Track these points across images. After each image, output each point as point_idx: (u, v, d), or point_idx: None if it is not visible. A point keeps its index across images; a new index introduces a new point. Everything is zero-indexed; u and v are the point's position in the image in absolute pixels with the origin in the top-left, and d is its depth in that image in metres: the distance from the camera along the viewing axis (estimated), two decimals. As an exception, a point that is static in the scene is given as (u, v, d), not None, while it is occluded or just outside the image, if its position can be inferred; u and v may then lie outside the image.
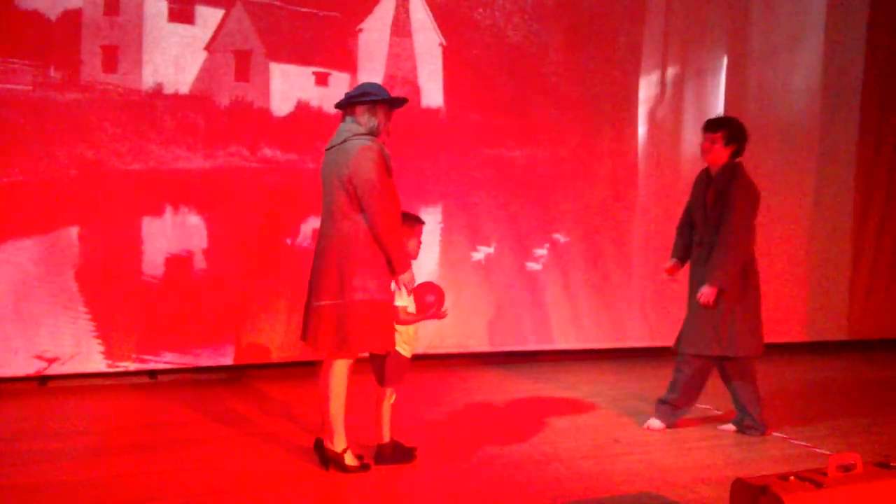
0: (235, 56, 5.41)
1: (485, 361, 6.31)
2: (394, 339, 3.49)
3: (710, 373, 4.33)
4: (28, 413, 4.50)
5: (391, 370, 3.55)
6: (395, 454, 3.61)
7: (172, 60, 5.25)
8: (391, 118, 3.52)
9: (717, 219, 4.15)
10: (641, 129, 6.63)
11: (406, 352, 3.59)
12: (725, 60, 6.80)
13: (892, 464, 2.68)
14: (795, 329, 7.18)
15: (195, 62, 5.31)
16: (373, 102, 3.43)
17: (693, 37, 6.72)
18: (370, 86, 3.50)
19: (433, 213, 5.98)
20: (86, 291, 5.08)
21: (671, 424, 4.38)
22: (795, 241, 7.12)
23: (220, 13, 5.36)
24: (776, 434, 4.34)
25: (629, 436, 4.24)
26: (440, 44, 5.98)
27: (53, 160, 5.01)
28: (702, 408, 4.72)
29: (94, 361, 5.11)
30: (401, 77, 5.88)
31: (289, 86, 5.54)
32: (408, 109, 5.43)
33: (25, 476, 3.36)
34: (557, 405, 4.96)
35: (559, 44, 6.31)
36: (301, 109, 5.58)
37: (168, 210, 5.30)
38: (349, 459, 3.46)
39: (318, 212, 3.55)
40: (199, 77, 5.32)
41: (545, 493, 3.28)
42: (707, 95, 6.79)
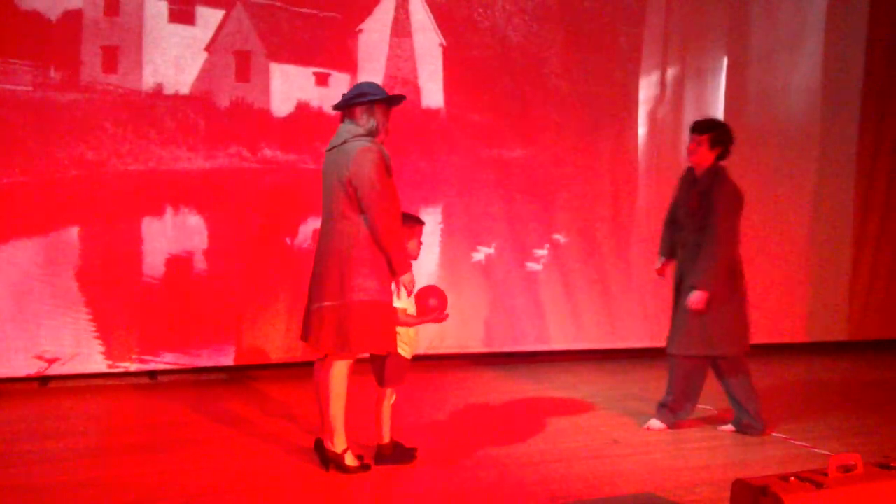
0: (235, 56, 5.41)
1: (485, 362, 6.30)
2: (395, 340, 3.48)
3: (705, 372, 4.33)
4: (28, 413, 4.50)
5: (391, 371, 3.55)
6: (396, 454, 3.61)
7: (173, 61, 5.25)
8: (390, 116, 3.52)
9: (702, 221, 4.18)
10: (641, 129, 6.63)
11: (406, 352, 3.59)
12: (725, 61, 6.80)
13: (893, 464, 2.68)
14: (795, 329, 7.18)
15: (195, 63, 5.31)
16: (370, 102, 3.43)
17: (693, 37, 6.71)
18: (367, 85, 3.50)
19: (433, 214, 5.98)
20: (86, 292, 5.08)
21: (672, 425, 4.38)
22: (795, 241, 7.12)
23: (221, 14, 5.36)
24: (776, 434, 4.34)
25: (629, 436, 4.24)
26: (440, 44, 5.98)
27: (53, 160, 5.01)
28: (701, 408, 4.72)
29: (95, 362, 5.11)
30: (401, 78, 5.88)
31: (289, 86, 5.55)
32: (408, 110, 5.47)
33: (26, 476, 3.36)
34: (557, 405, 4.96)
35: (559, 44, 6.31)
36: (301, 110, 5.58)
37: (168, 210, 5.30)
38: (349, 460, 3.46)
39: (319, 212, 3.56)
40: (200, 77, 5.32)
41: (545, 493, 3.28)
42: (707, 95, 6.79)
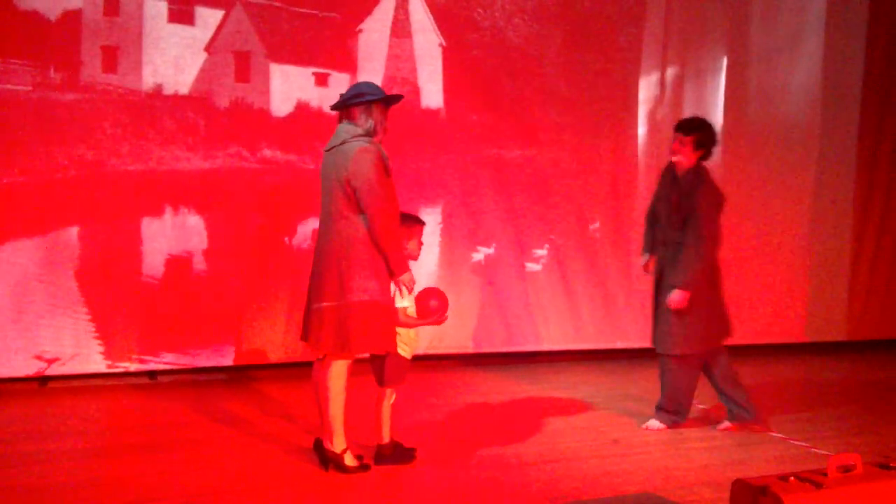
0: (235, 57, 5.41)
1: (484, 362, 6.30)
2: (394, 340, 3.49)
3: (696, 371, 4.32)
4: (28, 413, 4.50)
5: (391, 371, 3.55)
6: (395, 454, 3.61)
7: (172, 61, 5.25)
8: (387, 116, 3.52)
9: (682, 220, 4.20)
10: (641, 129, 6.62)
11: (406, 353, 3.59)
12: (725, 61, 6.79)
13: (893, 464, 2.68)
14: (795, 329, 7.17)
15: (195, 63, 5.31)
16: (368, 102, 3.43)
17: (693, 37, 6.71)
18: (364, 85, 3.50)
19: (433, 214, 5.98)
20: (86, 292, 5.08)
21: (671, 425, 4.38)
22: (795, 241, 7.11)
23: (220, 14, 5.35)
24: (776, 434, 4.34)
25: (629, 436, 4.24)
26: (440, 44, 5.98)
27: (53, 160, 5.01)
28: (701, 408, 4.72)
29: (94, 362, 5.11)
30: (400, 78, 5.87)
31: (288, 86, 5.54)
32: (408, 110, 5.48)
33: (26, 476, 3.36)
34: (557, 406, 4.96)
35: (559, 44, 6.30)
36: (301, 110, 5.58)
37: (168, 210, 5.30)
38: (349, 460, 3.47)
39: (318, 212, 3.55)
40: (199, 78, 5.32)
41: (545, 493, 3.28)
42: (707, 95, 6.78)
